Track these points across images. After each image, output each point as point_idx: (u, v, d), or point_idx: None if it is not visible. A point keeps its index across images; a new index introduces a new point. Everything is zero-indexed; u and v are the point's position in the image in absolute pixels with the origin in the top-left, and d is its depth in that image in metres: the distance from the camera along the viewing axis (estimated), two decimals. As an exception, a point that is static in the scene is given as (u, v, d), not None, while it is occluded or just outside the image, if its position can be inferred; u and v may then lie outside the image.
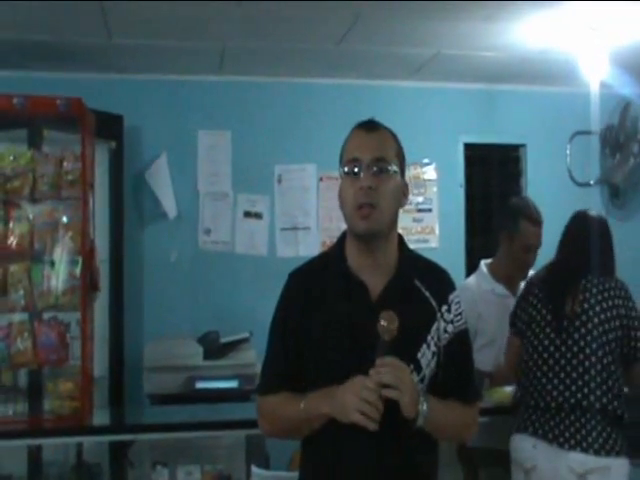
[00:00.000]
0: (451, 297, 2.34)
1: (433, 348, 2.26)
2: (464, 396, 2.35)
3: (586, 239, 3.40)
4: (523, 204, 4.16)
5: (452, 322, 2.31)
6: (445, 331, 2.29)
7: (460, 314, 2.34)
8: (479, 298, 4.04)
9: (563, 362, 3.25)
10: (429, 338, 2.26)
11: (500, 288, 4.06)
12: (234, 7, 4.48)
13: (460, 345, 2.33)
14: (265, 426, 2.39)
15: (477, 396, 2.44)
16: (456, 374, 2.32)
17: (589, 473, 3.15)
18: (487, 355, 3.96)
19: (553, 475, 3.19)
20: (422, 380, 2.24)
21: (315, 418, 2.19)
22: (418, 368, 2.23)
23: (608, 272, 3.38)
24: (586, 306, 3.26)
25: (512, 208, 4.15)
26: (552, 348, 3.28)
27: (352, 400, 2.08)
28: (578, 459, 3.16)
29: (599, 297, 3.27)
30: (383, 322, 2.10)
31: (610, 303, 3.26)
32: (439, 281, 2.36)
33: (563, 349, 3.27)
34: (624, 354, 3.28)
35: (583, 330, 3.23)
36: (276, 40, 5.22)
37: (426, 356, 2.25)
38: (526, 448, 3.28)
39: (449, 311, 2.31)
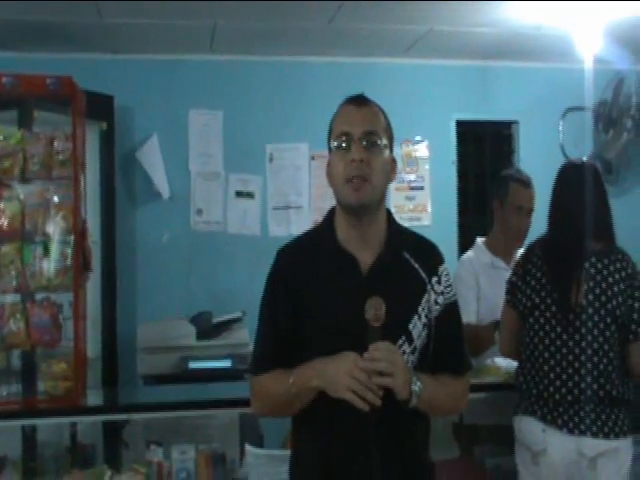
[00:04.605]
0: (441, 269, 2.35)
1: (424, 319, 2.28)
2: (455, 368, 2.37)
3: (580, 196, 3.29)
4: (512, 170, 4.29)
5: (442, 294, 2.33)
6: (436, 303, 2.31)
7: (450, 286, 2.36)
8: (480, 270, 4.04)
9: (565, 350, 3.21)
10: (420, 309, 2.28)
11: (498, 261, 4.04)
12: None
13: (451, 316, 2.36)
14: (257, 405, 2.40)
15: (469, 367, 2.45)
16: (447, 346, 2.34)
17: (600, 456, 3.14)
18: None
19: (563, 459, 3.17)
20: (413, 351, 2.26)
21: (304, 392, 2.20)
22: (410, 339, 2.25)
23: (607, 236, 3.31)
24: (590, 297, 3.19)
25: (502, 176, 4.21)
26: (559, 342, 3.21)
27: (344, 378, 2.08)
28: (589, 444, 3.14)
29: (603, 284, 3.19)
30: (370, 311, 2.11)
31: (616, 289, 3.18)
32: (428, 254, 2.38)
33: (565, 338, 3.21)
34: (623, 334, 3.24)
35: (590, 323, 3.17)
36: (267, 18, 5.19)
37: (417, 327, 2.27)
38: (535, 431, 3.25)
39: (439, 283, 2.33)
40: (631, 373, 3.27)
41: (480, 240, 4.22)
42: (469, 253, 4.23)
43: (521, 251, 3.75)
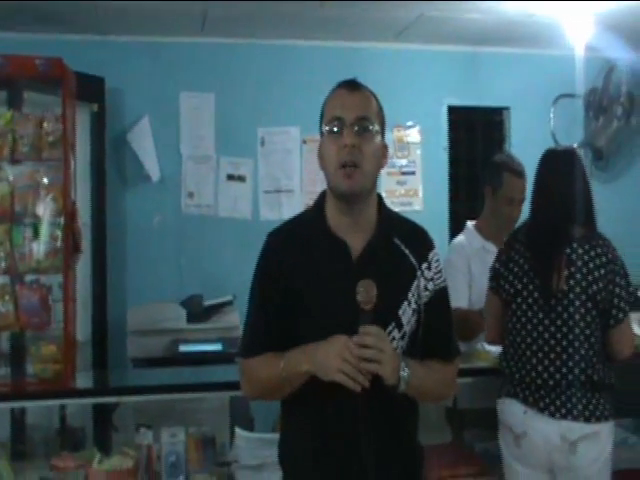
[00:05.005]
0: (431, 255, 2.35)
1: (414, 305, 2.28)
2: (444, 354, 2.38)
3: (561, 182, 3.32)
4: (506, 158, 4.22)
5: (432, 280, 2.33)
6: (425, 289, 2.31)
7: (440, 272, 2.36)
8: (471, 255, 4.04)
9: (547, 336, 3.23)
10: (410, 295, 2.28)
11: (489, 245, 4.03)
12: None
13: (440, 302, 2.36)
14: (247, 388, 2.40)
15: (457, 353, 2.45)
16: (436, 332, 2.34)
17: (581, 440, 3.17)
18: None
19: (544, 442, 3.19)
20: (403, 337, 2.26)
21: (295, 376, 2.20)
22: (399, 325, 2.25)
23: (589, 222, 3.32)
24: (572, 282, 3.20)
25: (495, 162, 4.19)
26: (541, 328, 3.23)
27: (335, 360, 2.09)
28: (570, 427, 3.16)
29: (584, 270, 3.21)
30: (362, 293, 2.11)
31: (596, 274, 3.20)
32: (419, 240, 2.38)
33: (547, 324, 3.24)
34: (604, 319, 3.26)
35: (571, 309, 3.19)
36: (259, 1, 5.16)
37: (407, 313, 2.27)
38: (516, 413, 3.27)
39: (429, 269, 2.33)
40: (612, 358, 3.30)
41: (470, 224, 4.22)
42: (460, 237, 4.23)
43: None
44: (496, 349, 3.67)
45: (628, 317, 3.28)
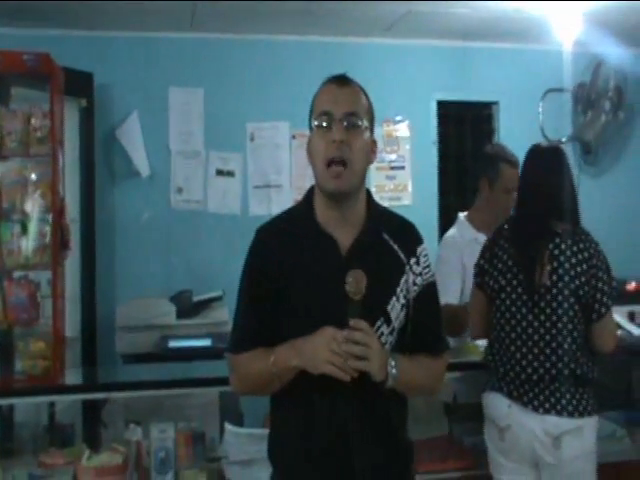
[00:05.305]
0: (419, 250, 2.35)
1: (402, 301, 2.28)
2: (433, 348, 2.38)
3: (545, 180, 3.32)
4: (500, 149, 4.22)
5: (421, 275, 2.33)
6: (414, 284, 2.31)
7: (428, 266, 2.36)
8: (464, 249, 4.04)
9: (531, 331, 3.24)
10: (398, 291, 2.27)
11: (482, 237, 4.00)
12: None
13: (429, 297, 2.36)
14: (236, 384, 2.40)
15: (446, 347, 2.45)
16: (425, 326, 2.34)
17: (564, 435, 3.18)
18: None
19: (528, 436, 3.21)
20: (392, 332, 2.26)
21: (285, 371, 2.20)
22: (388, 321, 2.25)
23: (572, 218, 3.32)
24: (555, 278, 3.21)
25: (489, 154, 4.18)
26: (525, 323, 3.24)
27: (323, 352, 2.09)
28: (553, 422, 3.18)
29: (567, 265, 3.21)
30: (351, 283, 2.11)
31: (579, 269, 3.21)
32: (407, 234, 2.37)
33: (531, 319, 3.25)
34: (587, 314, 3.27)
35: (555, 304, 3.21)
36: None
37: (395, 309, 2.27)
38: (500, 407, 3.29)
39: (418, 264, 2.33)
40: (595, 352, 3.31)
41: (462, 215, 4.21)
42: (452, 231, 4.22)
43: None
44: (483, 343, 3.68)
45: (611, 311, 3.29)
